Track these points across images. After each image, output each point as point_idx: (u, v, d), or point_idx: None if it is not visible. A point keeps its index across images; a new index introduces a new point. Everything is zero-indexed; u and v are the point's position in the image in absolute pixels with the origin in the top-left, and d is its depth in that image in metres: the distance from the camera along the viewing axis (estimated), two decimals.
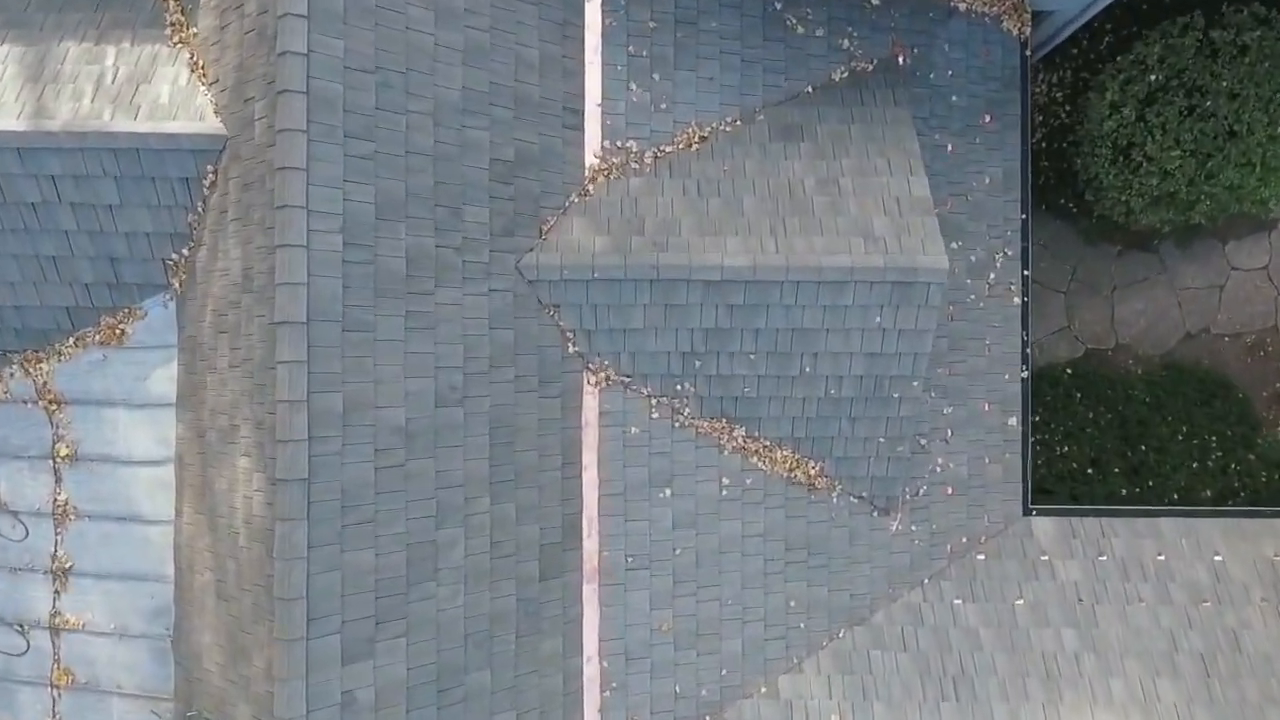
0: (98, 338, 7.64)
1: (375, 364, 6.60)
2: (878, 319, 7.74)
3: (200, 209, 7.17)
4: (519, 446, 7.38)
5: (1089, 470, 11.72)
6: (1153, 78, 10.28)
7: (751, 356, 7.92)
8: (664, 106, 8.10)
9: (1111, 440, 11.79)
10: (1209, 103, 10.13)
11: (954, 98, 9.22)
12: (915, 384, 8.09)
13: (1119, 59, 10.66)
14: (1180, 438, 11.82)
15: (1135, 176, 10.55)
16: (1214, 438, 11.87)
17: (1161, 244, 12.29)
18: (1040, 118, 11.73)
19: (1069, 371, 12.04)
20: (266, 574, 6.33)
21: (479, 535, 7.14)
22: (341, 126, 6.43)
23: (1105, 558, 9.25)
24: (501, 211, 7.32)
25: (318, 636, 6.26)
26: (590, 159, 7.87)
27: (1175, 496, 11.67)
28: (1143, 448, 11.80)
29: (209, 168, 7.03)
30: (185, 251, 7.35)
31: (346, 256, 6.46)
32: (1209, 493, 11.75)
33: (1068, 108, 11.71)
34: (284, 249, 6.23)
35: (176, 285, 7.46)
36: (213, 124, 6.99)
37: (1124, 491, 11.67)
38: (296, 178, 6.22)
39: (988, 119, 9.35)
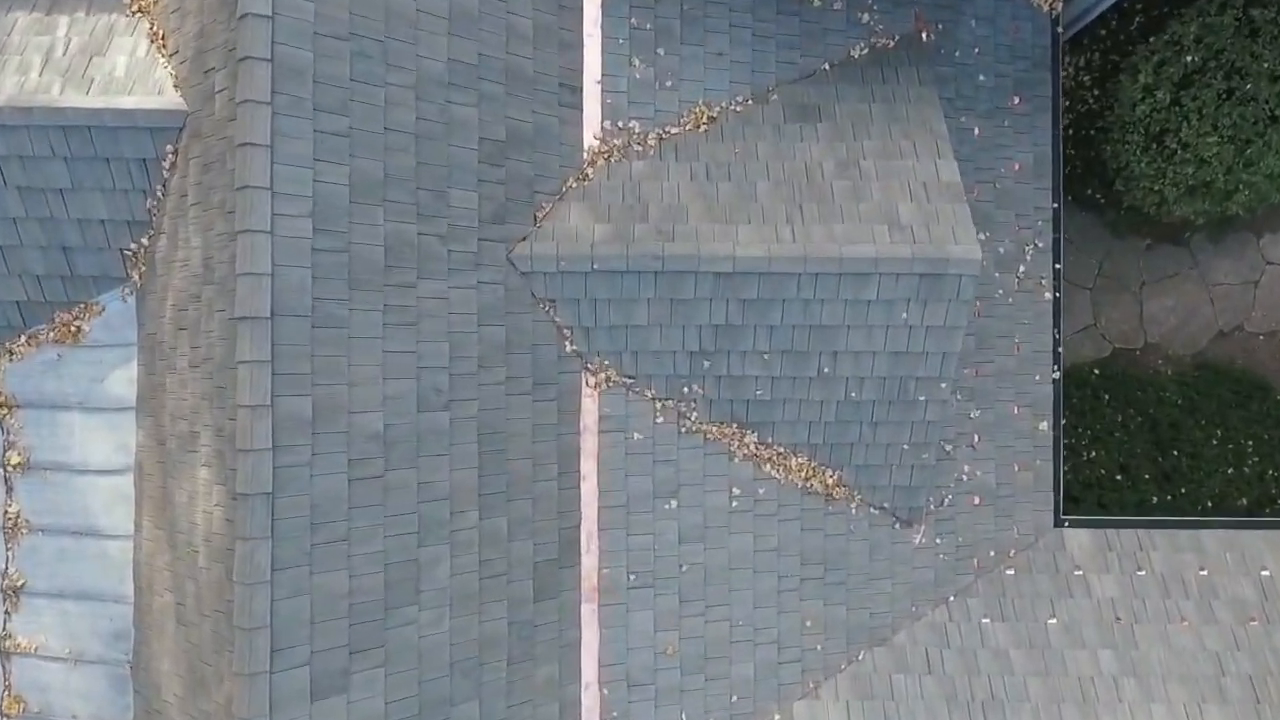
0: (51, 335, 7.16)
1: (349, 364, 6.08)
2: (904, 315, 7.29)
3: (160, 193, 6.67)
4: (511, 455, 6.92)
5: (1118, 477, 11.28)
6: (1189, 59, 9.89)
7: (765, 356, 7.49)
8: (669, 84, 7.69)
9: (1141, 445, 11.36)
10: (1249, 85, 9.71)
11: (981, 77, 8.83)
12: (943, 386, 7.62)
13: (1152, 39, 10.30)
14: (1214, 442, 11.41)
15: (1169, 164, 10.18)
16: (1250, 442, 11.43)
17: (1193, 237, 11.86)
18: (1066, 103, 11.19)
19: (1096, 372, 11.58)
20: (226, 599, 5.76)
21: (466, 553, 6.66)
22: (311, 99, 5.90)
23: (1143, 572, 8.81)
24: (491, 196, 6.85)
25: (283, 669, 5.71)
26: (589, 140, 7.46)
27: (1209, 504, 11.20)
28: (1174, 453, 11.37)
29: (168, 147, 6.51)
30: (145, 240, 6.87)
31: (317, 244, 5.93)
32: (1245, 501, 11.30)
33: (1095, 92, 11.27)
34: (245, 235, 5.69)
35: (136, 278, 6.98)
36: (172, 98, 6.46)
37: (1154, 499, 11.22)
38: (259, 155, 5.68)
39: (1016, 100, 8.95)
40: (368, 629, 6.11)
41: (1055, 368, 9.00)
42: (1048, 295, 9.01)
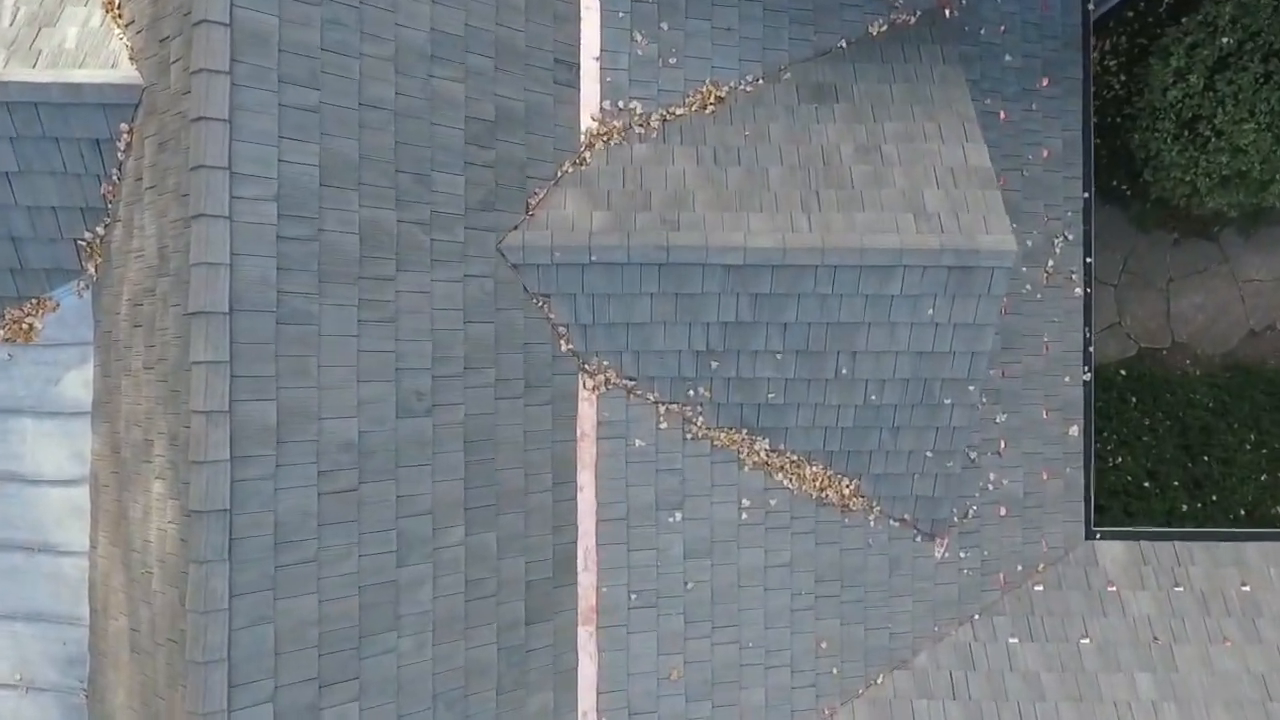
0: (1, 334, 6.73)
1: (320, 365, 5.63)
2: (930, 311, 6.86)
3: (115, 177, 6.18)
4: (500, 464, 6.54)
5: (1145, 483, 10.84)
6: (1224, 40, 9.50)
7: (778, 356, 7.11)
8: (674, 61, 7.30)
9: (1170, 449, 10.94)
10: None
11: (1007, 57, 8.41)
12: (971, 388, 7.22)
13: (1184, 20, 9.95)
14: (1247, 447, 11.02)
15: (1202, 153, 9.80)
16: None
17: (1223, 231, 11.43)
18: (1092, 89, 10.75)
19: (1122, 373, 11.08)
20: (180, 628, 5.26)
21: (451, 573, 6.24)
22: (277, 70, 5.43)
23: (1182, 589, 8.35)
24: (479, 181, 6.44)
25: (243, 707, 5.22)
26: (587, 121, 7.12)
27: (1242, 513, 10.73)
28: (1205, 458, 10.95)
29: (123, 126, 6.02)
30: (100, 229, 6.41)
31: (283, 231, 5.46)
32: None
33: (1122, 77, 10.83)
34: (201, 220, 5.19)
35: (92, 270, 6.51)
36: (127, 71, 5.94)
37: (1184, 507, 10.72)
38: (216, 131, 5.19)
39: (1045, 83, 8.51)
40: (340, 659, 5.65)
41: (1086, 368, 8.52)
42: (1078, 291, 8.57)
